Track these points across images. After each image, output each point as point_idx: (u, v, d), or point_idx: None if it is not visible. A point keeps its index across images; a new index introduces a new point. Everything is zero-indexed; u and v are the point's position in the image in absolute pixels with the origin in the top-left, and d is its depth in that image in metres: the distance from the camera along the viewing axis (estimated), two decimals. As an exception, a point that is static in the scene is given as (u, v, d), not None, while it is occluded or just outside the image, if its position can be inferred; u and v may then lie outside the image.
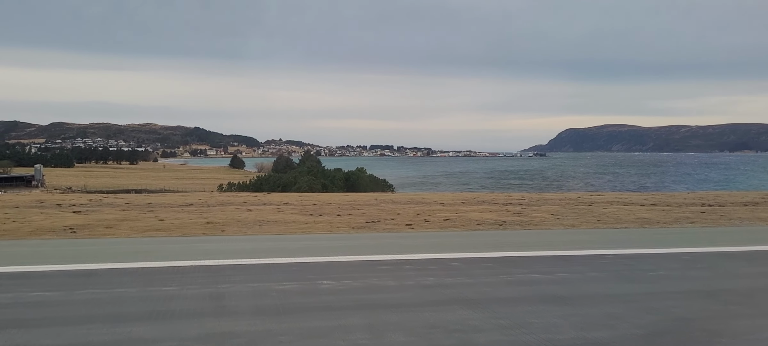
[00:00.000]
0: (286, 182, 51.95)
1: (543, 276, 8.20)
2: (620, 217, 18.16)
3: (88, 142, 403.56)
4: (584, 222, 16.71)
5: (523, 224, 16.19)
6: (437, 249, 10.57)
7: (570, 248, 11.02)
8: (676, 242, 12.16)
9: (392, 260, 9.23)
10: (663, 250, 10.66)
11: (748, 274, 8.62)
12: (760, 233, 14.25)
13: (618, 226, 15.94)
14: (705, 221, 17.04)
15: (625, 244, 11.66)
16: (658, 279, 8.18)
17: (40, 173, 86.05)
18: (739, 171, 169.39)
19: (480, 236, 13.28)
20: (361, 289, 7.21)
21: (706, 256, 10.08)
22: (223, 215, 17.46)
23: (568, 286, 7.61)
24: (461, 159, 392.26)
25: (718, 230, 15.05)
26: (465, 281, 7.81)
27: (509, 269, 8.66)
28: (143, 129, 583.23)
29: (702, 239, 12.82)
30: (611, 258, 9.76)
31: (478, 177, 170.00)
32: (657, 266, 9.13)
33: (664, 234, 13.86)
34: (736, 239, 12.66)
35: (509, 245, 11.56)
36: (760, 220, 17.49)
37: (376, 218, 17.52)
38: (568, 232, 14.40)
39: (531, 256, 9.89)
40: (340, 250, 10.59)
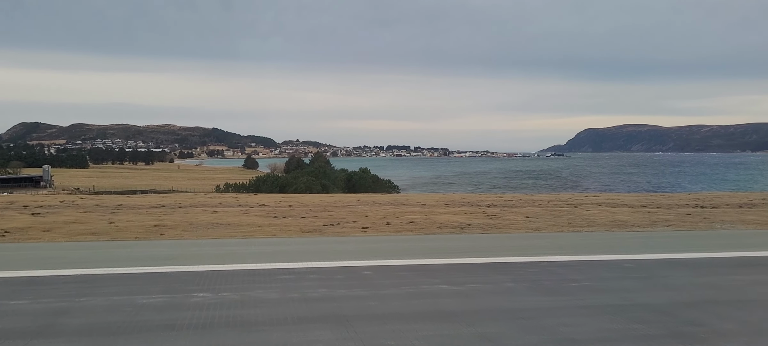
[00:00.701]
0: (284, 183, 51.48)
1: (451, 288, 7.48)
2: (596, 220, 17.30)
3: (108, 143, 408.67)
4: (553, 225, 15.88)
5: (486, 227, 15.41)
6: (364, 256, 9.90)
7: (511, 254, 10.28)
8: (633, 247, 11.32)
9: (296, 269, 8.57)
10: (606, 257, 9.87)
11: (682, 285, 7.80)
12: (731, 237, 13.32)
13: (588, 229, 15.11)
14: (683, 224, 16.11)
15: (573, 249, 10.86)
16: (577, 290, 7.41)
17: (48, 174, 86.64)
18: (759, 171, 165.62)
19: (428, 241, 12.55)
20: (228, 303, 6.55)
21: (651, 264, 9.26)
22: (180, 218, 16.93)
23: (467, 299, 6.89)
24: (478, 159, 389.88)
25: (689, 233, 14.14)
26: (349, 293, 7.12)
27: (420, 279, 7.95)
28: (162, 130, 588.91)
29: (662, 244, 11.94)
30: (544, 265, 9.00)
31: (492, 177, 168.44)
32: (587, 275, 8.35)
33: (627, 239, 13.01)
34: (701, 245, 11.77)
35: (449, 250, 10.83)
36: (743, 223, 16.51)
37: (339, 220, 16.87)
38: (526, 236, 13.61)
39: (457, 264, 9.16)
40: (260, 256, 9.93)
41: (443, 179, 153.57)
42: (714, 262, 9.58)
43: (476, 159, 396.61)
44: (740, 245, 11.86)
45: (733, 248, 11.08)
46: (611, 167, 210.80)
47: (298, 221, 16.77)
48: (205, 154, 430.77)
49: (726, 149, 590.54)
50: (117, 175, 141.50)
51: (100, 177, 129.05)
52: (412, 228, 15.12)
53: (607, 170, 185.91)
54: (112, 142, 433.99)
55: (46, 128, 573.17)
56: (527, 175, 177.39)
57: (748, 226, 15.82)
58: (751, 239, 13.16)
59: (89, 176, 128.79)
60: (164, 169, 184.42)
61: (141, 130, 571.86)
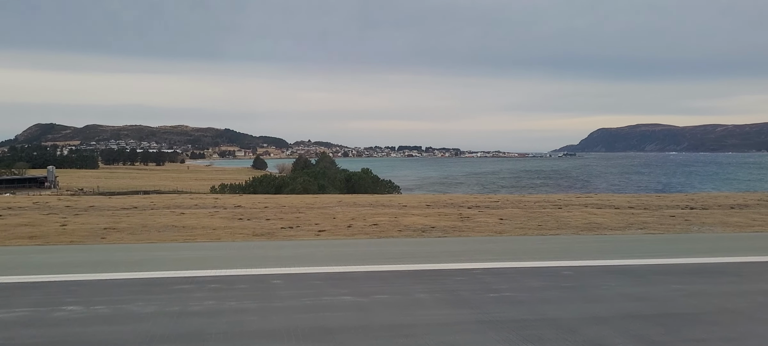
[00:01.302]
0: (280, 184, 51.06)
1: (353, 299, 6.88)
2: (570, 222, 16.58)
3: (121, 144, 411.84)
4: (521, 228, 15.19)
5: (451, 230, 14.76)
6: (290, 262, 9.33)
7: (452, 260, 9.62)
8: (587, 252, 10.64)
9: (201, 277, 7.99)
10: (548, 263, 9.19)
11: (611, 296, 7.12)
12: (702, 241, 12.58)
13: (557, 232, 14.42)
14: (659, 227, 15.36)
15: (523, 255, 10.19)
16: (491, 302, 6.77)
17: (52, 175, 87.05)
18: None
19: (375, 245, 11.93)
20: (92, 319, 5.99)
21: (591, 271, 8.59)
22: (139, 220, 16.44)
23: (360, 313, 6.28)
24: (489, 159, 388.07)
25: (659, 237, 13.40)
26: (237, 306, 6.55)
27: (328, 289, 7.36)
28: (175, 131, 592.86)
29: (623, 248, 11.23)
30: (475, 273, 8.37)
31: (501, 177, 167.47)
32: (514, 283, 7.70)
33: (589, 242, 12.32)
34: (665, 249, 11.04)
35: (389, 256, 10.20)
36: (725, 225, 15.71)
37: (301, 222, 16.31)
38: (484, 239, 12.96)
39: (379, 271, 8.55)
40: (182, 263, 9.37)
41: (451, 180, 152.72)
42: (666, 269, 8.88)
43: (487, 159, 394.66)
44: (706, 249, 11.14)
45: (696, 253, 10.37)
46: (622, 167, 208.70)
47: (260, 223, 16.22)
48: (216, 155, 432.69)
49: (741, 149, 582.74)
50: (125, 175, 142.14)
51: (108, 178, 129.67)
52: (371, 231, 14.51)
53: (617, 170, 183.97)
54: (126, 143, 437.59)
55: (60, 129, 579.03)
56: (536, 175, 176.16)
57: (728, 229, 15.04)
58: (722, 242, 12.42)
59: (97, 177, 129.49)
60: (173, 170, 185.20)
61: (154, 131, 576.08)
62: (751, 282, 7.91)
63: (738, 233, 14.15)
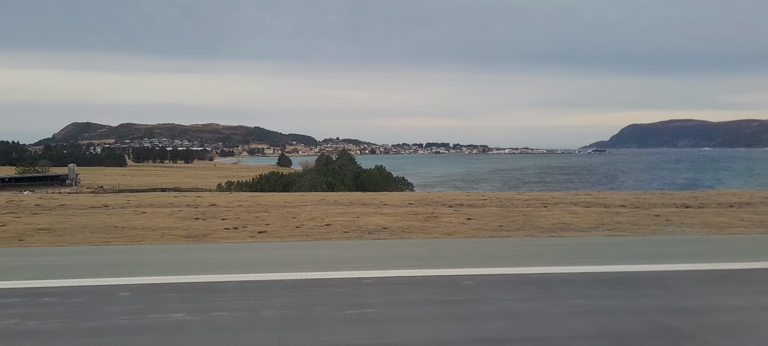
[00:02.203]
0: (287, 182, 50.61)
1: (172, 317, 6.11)
2: (538, 223, 15.54)
3: (155, 142, 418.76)
4: (484, 229, 14.25)
5: (409, 230, 13.91)
6: (183, 269, 8.63)
7: (359, 267, 8.80)
8: (517, 258, 9.69)
9: (66, 288, 7.32)
10: (459, 271, 8.28)
11: (488, 313, 6.22)
12: (660, 245, 11.46)
13: (517, 233, 13.45)
14: (633, 227, 14.25)
15: (446, 261, 9.31)
16: (337, 322, 5.94)
17: (73, 172, 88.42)
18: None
19: (298, 249, 11.16)
20: None
21: (498, 281, 7.67)
22: (88, 220, 15.95)
23: (159, 336, 5.52)
24: (517, 156, 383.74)
25: (618, 239, 12.34)
26: (82, 325, 5.83)
27: (206, 302, 6.62)
28: (206, 129, 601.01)
29: (565, 253, 10.22)
30: (364, 282, 7.53)
31: (526, 174, 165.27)
32: (393, 297, 6.85)
33: (537, 245, 11.31)
34: (601, 255, 10.02)
35: (304, 261, 9.44)
36: (707, 226, 14.49)
37: (254, 223, 15.62)
38: (431, 242, 12.08)
39: (250, 280, 7.75)
40: (58, 270, 8.75)
41: (474, 176, 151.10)
42: (574, 278, 7.89)
43: (515, 156, 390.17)
44: (654, 254, 10.06)
45: (636, 259, 9.32)
46: (650, 163, 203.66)
47: (209, 223, 15.57)
48: (246, 153, 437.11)
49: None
50: (151, 173, 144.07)
51: (133, 175, 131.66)
52: (320, 233, 13.73)
53: (644, 166, 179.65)
54: (159, 142, 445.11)
55: (96, 128, 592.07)
56: (562, 171, 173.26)
57: (708, 230, 13.85)
58: (683, 246, 11.31)
59: (123, 175, 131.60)
60: (200, 168, 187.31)
61: (186, 129, 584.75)
62: (667, 297, 6.90)
63: (713, 236, 12.99)
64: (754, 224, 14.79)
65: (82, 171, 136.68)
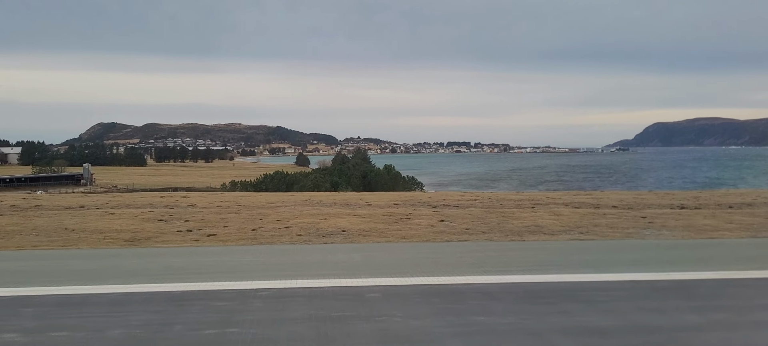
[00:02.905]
0: (291, 181, 50.16)
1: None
2: (510, 226, 14.71)
3: (178, 142, 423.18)
4: (450, 232, 13.51)
5: (370, 233, 13.21)
6: (89, 278, 8.06)
7: (283, 276, 8.14)
8: (456, 266, 8.93)
9: None
10: (370, 281, 7.57)
11: (366, 331, 5.51)
12: (624, 250, 10.59)
13: (481, 236, 12.68)
14: (609, 231, 13.36)
15: (372, 268, 8.61)
16: (201, 342, 5.29)
17: (87, 172, 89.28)
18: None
19: (234, 254, 10.53)
20: None
21: (407, 292, 6.94)
22: (43, 222, 15.55)
23: None
24: (538, 155, 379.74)
25: (586, 244, 11.47)
26: None
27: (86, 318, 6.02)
28: (229, 129, 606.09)
29: (514, 260, 9.44)
30: (261, 295, 6.87)
31: (546, 172, 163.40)
32: (290, 312, 6.17)
33: (490, 250, 10.53)
34: (550, 263, 9.21)
35: (221, 268, 8.82)
36: (688, 229, 13.53)
37: (216, 225, 15.06)
38: (380, 246, 11.37)
39: (145, 292, 7.13)
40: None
41: (492, 175, 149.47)
42: (488, 289, 7.13)
43: (537, 155, 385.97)
44: (609, 262, 9.24)
45: (578, 268, 8.50)
46: (674, 162, 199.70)
47: (170, 225, 15.05)
48: (267, 152, 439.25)
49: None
50: (168, 173, 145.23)
51: (151, 175, 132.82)
52: (274, 236, 13.10)
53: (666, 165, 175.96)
54: (182, 141, 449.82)
55: (121, 128, 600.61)
56: (584, 170, 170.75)
57: (687, 234, 12.91)
58: (646, 252, 10.42)
59: (141, 174, 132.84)
60: (218, 167, 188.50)
61: (209, 129, 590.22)
62: (579, 313, 6.10)
63: (688, 240, 12.06)
64: (741, 228, 13.79)
65: (103, 170, 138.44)
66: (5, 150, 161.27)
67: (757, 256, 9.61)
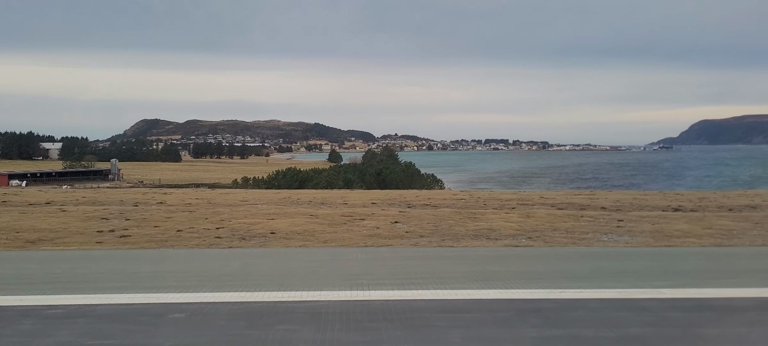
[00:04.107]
0: (304, 178, 49.48)
1: None
2: (461, 230, 13.49)
3: (218, 138, 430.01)
4: (379, 236, 12.39)
5: (305, 236, 12.20)
6: None
7: (123, 290, 7.19)
8: (344, 277, 7.82)
9: None
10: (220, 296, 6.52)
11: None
12: (546, 260, 9.26)
13: (420, 242, 11.53)
14: (565, 236, 12.01)
15: (238, 281, 7.57)
16: None
17: (115, 167, 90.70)
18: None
19: (104, 260, 9.64)
20: None
21: (277, 309, 5.87)
22: None
23: None
24: (578, 153, 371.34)
25: (525, 251, 10.18)
26: None
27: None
28: (268, 126, 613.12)
29: (420, 269, 8.24)
30: (98, 313, 5.91)
31: (585, 170, 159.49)
32: (112, 326, 5.19)
33: (397, 258, 9.37)
34: (440, 274, 7.99)
35: (91, 278, 7.93)
36: (657, 234, 12.04)
37: (153, 224, 14.28)
38: (281, 252, 10.34)
39: None
40: None
41: (525, 173, 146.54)
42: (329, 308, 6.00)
43: (576, 152, 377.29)
44: (499, 274, 7.97)
45: (470, 282, 7.27)
46: (715, 160, 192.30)
47: (105, 224, 14.33)
48: (304, 149, 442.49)
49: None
50: (200, 169, 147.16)
51: (183, 171, 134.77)
52: (196, 238, 12.20)
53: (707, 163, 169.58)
54: (222, 137, 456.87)
55: (164, 124, 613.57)
56: (624, 168, 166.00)
57: (645, 242, 11.46)
58: (571, 262, 9.09)
59: (173, 170, 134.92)
60: (251, 164, 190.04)
61: (248, 125, 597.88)
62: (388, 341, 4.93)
63: (638, 249, 10.62)
64: (716, 234, 12.24)
65: (138, 166, 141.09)
66: (47, 145, 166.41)
67: (679, 271, 8.22)
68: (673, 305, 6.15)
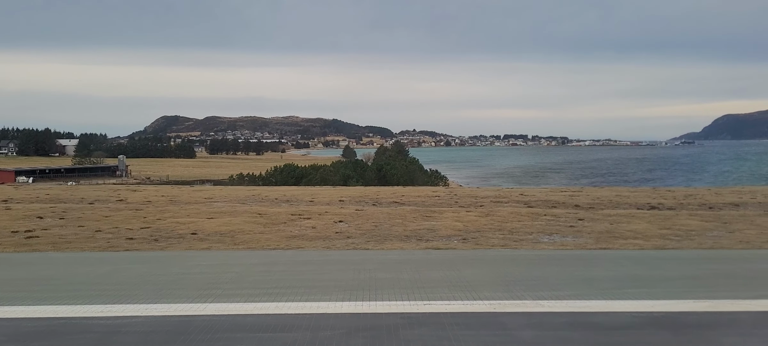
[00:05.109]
0: (300, 174, 48.79)
1: None
2: (399, 230, 12.61)
3: (237, 135, 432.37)
4: (306, 238, 11.57)
5: (237, 236, 11.44)
6: None
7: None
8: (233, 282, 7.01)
9: None
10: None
11: None
12: (459, 264, 8.35)
13: (350, 245, 10.70)
14: (507, 235, 11.08)
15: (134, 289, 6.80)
16: None
17: (123, 164, 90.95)
18: None
19: None
20: None
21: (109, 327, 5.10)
22: None
23: None
24: (597, 148, 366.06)
25: (459, 253, 9.26)
26: None
27: None
28: (286, 122, 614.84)
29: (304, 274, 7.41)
30: None
31: (603, 165, 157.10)
32: None
33: (302, 261, 8.53)
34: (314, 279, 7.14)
35: None
36: (602, 235, 11.04)
37: (82, 223, 13.63)
38: (219, 254, 9.57)
39: None
40: None
41: (539, 169, 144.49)
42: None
43: (595, 148, 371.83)
44: (389, 281, 7.09)
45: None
46: (736, 155, 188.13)
47: (37, 223, 13.72)
48: (321, 145, 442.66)
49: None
50: (212, 165, 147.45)
51: (195, 167, 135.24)
52: (110, 240, 11.50)
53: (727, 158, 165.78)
54: (241, 133, 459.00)
55: (184, 121, 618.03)
56: (643, 164, 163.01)
57: (588, 243, 10.48)
58: (481, 267, 8.18)
59: (185, 166, 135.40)
60: (265, 160, 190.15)
61: (267, 122, 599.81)
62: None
63: (569, 252, 9.65)
64: (673, 236, 11.21)
65: (152, 162, 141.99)
66: (63, 142, 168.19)
67: (575, 278, 7.27)
68: (530, 320, 5.25)
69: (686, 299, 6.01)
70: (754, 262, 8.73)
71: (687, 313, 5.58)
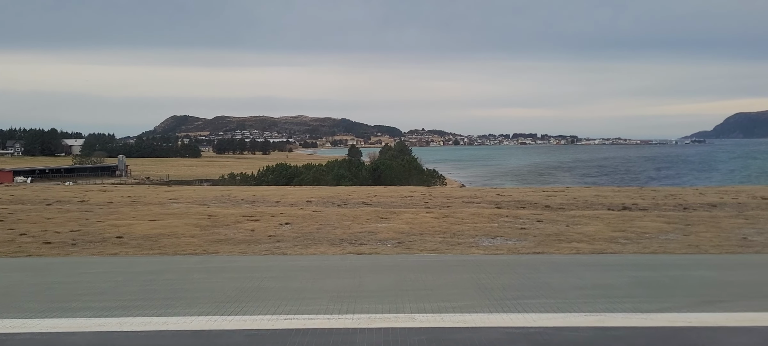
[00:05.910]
0: (292, 174, 48.26)
1: None
2: (336, 232, 12.00)
3: (246, 134, 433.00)
4: (249, 242, 11.00)
5: (196, 238, 10.89)
6: None
7: None
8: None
9: None
10: None
11: None
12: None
13: (277, 247, 10.12)
14: (451, 240, 10.42)
15: None
16: None
17: (123, 164, 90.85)
18: None
19: None
20: None
21: None
22: None
23: None
24: (607, 147, 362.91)
25: (350, 260, 8.65)
26: None
27: None
28: (295, 121, 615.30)
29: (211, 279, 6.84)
30: None
31: (609, 164, 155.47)
32: None
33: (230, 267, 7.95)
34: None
35: None
36: (548, 239, 10.37)
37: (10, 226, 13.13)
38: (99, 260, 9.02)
39: None
40: None
41: (545, 168, 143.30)
42: None
43: (605, 146, 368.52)
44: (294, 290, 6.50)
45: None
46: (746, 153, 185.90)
47: None
48: (329, 144, 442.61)
49: None
50: (216, 165, 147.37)
51: (198, 166, 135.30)
52: (28, 244, 10.97)
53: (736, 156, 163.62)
54: (250, 133, 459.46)
55: (193, 121, 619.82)
56: (651, 163, 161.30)
57: (518, 246, 9.81)
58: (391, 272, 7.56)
59: (189, 166, 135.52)
60: (270, 159, 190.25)
61: (276, 121, 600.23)
62: None
63: (492, 257, 9.00)
64: (623, 238, 10.52)
65: (157, 162, 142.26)
66: (69, 142, 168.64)
67: (480, 286, 6.65)
68: (383, 337, 4.63)
69: (541, 313, 5.40)
70: (669, 269, 8.01)
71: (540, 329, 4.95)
